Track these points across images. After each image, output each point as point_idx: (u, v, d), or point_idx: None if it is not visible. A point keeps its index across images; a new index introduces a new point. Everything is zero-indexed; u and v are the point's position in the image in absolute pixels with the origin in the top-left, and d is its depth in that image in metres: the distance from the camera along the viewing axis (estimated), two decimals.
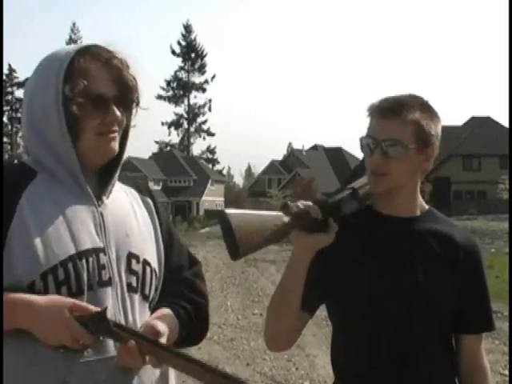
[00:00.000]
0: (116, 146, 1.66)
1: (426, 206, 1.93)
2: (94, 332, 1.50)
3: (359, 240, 1.85)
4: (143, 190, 1.83)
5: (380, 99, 1.85)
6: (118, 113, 1.64)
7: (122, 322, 1.60)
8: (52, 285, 1.53)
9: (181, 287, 1.77)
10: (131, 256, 1.67)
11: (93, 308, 1.52)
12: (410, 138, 1.79)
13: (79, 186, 1.63)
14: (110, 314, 1.54)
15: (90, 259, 1.58)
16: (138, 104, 1.70)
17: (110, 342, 1.57)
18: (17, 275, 1.51)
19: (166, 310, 1.70)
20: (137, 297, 1.67)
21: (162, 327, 1.58)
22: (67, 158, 1.62)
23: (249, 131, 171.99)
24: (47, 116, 1.61)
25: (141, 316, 1.66)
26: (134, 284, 1.66)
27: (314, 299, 1.85)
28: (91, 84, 1.60)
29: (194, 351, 1.69)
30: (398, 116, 1.78)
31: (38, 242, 1.53)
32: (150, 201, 1.82)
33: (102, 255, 1.60)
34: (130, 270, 1.66)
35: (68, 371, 1.52)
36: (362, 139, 1.85)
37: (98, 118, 1.62)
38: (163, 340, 1.56)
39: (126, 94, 1.66)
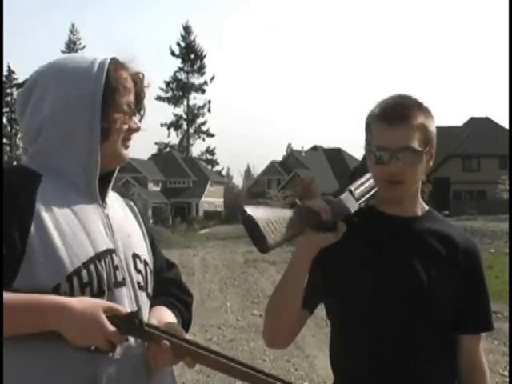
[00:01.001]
0: (128, 154, 1.73)
1: (426, 207, 1.93)
2: (126, 333, 1.52)
3: (363, 240, 1.84)
4: (125, 194, 1.87)
5: (380, 107, 1.83)
6: (139, 124, 1.73)
7: (141, 317, 1.61)
8: (77, 287, 1.54)
9: (169, 286, 1.83)
10: (135, 256, 1.70)
11: (123, 309, 1.54)
12: (419, 142, 1.80)
13: (89, 187, 1.65)
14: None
15: (107, 260, 1.60)
16: (139, 121, 1.77)
17: (133, 340, 1.58)
18: (41, 278, 1.51)
19: (166, 309, 1.73)
20: (144, 295, 1.71)
21: (183, 332, 1.63)
22: (87, 158, 1.64)
23: (248, 132, 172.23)
24: (78, 115, 1.63)
25: (148, 313, 1.70)
26: (142, 283, 1.70)
27: (315, 297, 1.84)
28: (130, 91, 1.70)
29: None
30: (405, 122, 1.78)
31: (59, 244, 1.54)
32: (132, 204, 1.86)
33: (114, 256, 1.63)
34: (136, 270, 1.69)
35: (94, 371, 1.53)
36: (373, 151, 1.80)
37: (127, 123, 1.69)
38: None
39: (138, 110, 1.75)
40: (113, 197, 1.78)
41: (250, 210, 1.63)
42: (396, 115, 1.78)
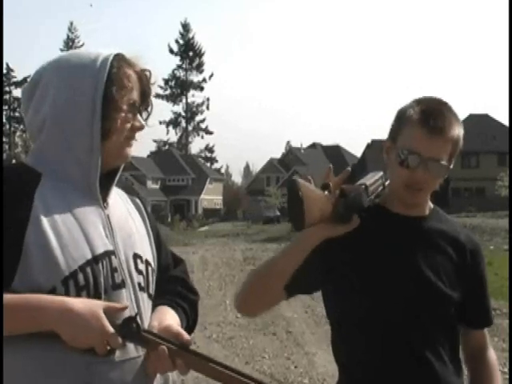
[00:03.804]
0: (132, 152, 1.70)
1: (432, 205, 1.94)
2: (123, 337, 1.49)
3: (371, 236, 1.83)
4: (131, 191, 1.84)
5: (420, 109, 1.80)
6: (143, 122, 1.69)
7: (138, 322, 1.59)
8: (73, 290, 1.51)
9: (174, 284, 1.79)
10: (136, 256, 1.67)
11: (119, 306, 1.52)
12: (449, 155, 1.82)
13: (89, 187, 1.62)
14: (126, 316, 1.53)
15: (104, 263, 1.57)
16: (146, 119, 1.74)
17: (130, 344, 1.55)
18: (36, 280, 1.48)
19: (169, 310, 1.70)
20: (145, 296, 1.68)
21: (187, 335, 1.59)
22: (88, 158, 1.60)
23: (247, 129, 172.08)
24: (79, 113, 1.59)
25: (149, 314, 1.67)
26: (143, 284, 1.67)
27: (299, 284, 1.81)
28: (132, 89, 1.65)
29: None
30: (444, 135, 1.79)
31: (55, 246, 1.50)
32: (138, 201, 1.83)
33: (113, 258, 1.60)
34: (137, 271, 1.66)
35: (90, 373, 1.50)
36: (404, 153, 1.79)
37: (129, 122, 1.65)
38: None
39: (145, 107, 1.73)
40: (116, 194, 1.75)
41: (301, 185, 1.58)
42: (437, 125, 1.77)
